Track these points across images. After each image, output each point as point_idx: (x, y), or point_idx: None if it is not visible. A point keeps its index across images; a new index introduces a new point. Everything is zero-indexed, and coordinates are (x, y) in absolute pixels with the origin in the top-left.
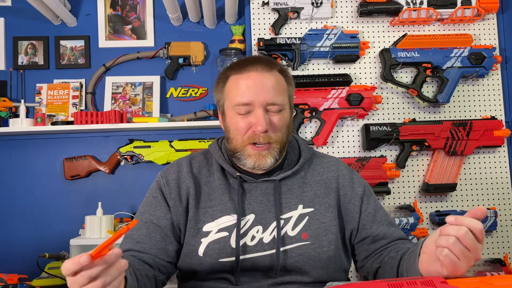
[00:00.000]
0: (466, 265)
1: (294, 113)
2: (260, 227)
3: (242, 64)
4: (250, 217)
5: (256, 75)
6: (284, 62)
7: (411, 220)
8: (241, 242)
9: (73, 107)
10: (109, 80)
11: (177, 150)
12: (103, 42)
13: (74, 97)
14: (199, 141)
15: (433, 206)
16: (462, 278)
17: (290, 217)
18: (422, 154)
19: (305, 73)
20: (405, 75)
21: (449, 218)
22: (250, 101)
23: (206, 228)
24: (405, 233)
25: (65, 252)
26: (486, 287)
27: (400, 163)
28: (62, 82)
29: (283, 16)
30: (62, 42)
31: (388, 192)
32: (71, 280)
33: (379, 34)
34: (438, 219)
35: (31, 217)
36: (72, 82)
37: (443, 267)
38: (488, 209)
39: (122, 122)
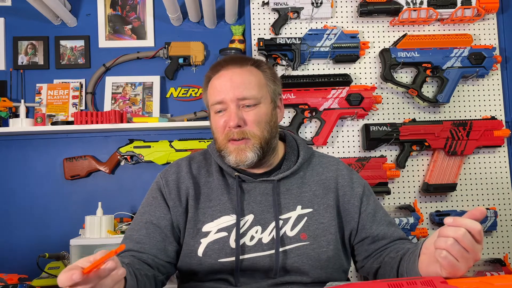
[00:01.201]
0: (465, 266)
1: (295, 113)
2: (259, 227)
3: (216, 65)
4: (249, 217)
5: (226, 73)
6: (284, 62)
7: (411, 220)
8: (240, 242)
9: (73, 107)
10: (109, 80)
11: (177, 150)
12: (103, 42)
13: (74, 97)
14: (199, 141)
15: (433, 206)
16: (462, 278)
17: (289, 218)
18: (422, 154)
19: (305, 73)
20: (405, 75)
21: (447, 220)
22: (222, 99)
23: (205, 228)
24: (405, 233)
25: (65, 252)
26: (486, 287)
27: (400, 163)
28: (62, 82)
29: (283, 16)
30: (62, 42)
31: (388, 192)
32: None
33: (379, 34)
34: (438, 219)
35: (31, 217)
36: (72, 82)
37: (442, 268)
38: (488, 209)
39: (122, 122)
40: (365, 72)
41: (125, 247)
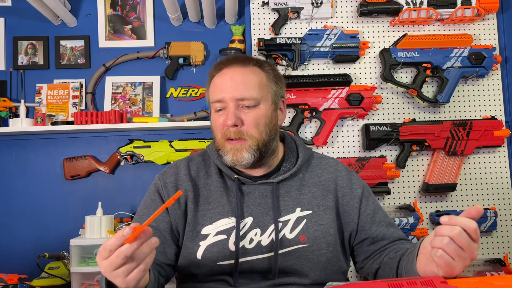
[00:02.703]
0: (461, 265)
1: (295, 113)
2: (258, 230)
3: (220, 63)
4: (248, 220)
5: (227, 72)
6: (284, 62)
7: (411, 220)
8: (240, 245)
9: (73, 107)
10: (109, 80)
11: (177, 150)
12: (103, 42)
13: (74, 97)
14: (199, 141)
15: (433, 206)
16: (462, 278)
17: (288, 220)
18: (422, 154)
19: (305, 73)
20: (405, 75)
21: (443, 218)
22: (221, 98)
23: (204, 231)
24: (405, 233)
25: (65, 252)
26: (486, 287)
27: (400, 163)
28: (62, 82)
29: (283, 16)
30: (62, 42)
31: (388, 192)
32: (105, 263)
33: (379, 34)
34: (438, 219)
35: (31, 217)
36: (72, 82)
37: (438, 268)
38: (488, 209)
39: (122, 122)
40: (365, 72)
41: (182, 193)
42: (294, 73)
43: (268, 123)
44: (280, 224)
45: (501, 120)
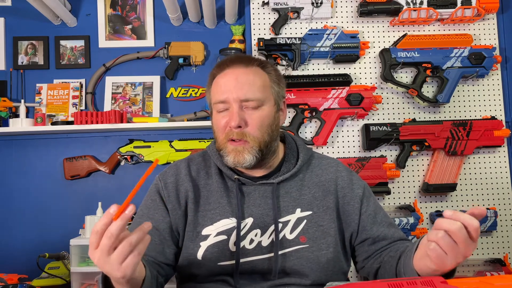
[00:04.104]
0: (453, 260)
1: (295, 113)
2: (258, 231)
3: (222, 63)
4: (249, 221)
5: (231, 72)
6: (284, 62)
7: (411, 220)
8: (240, 246)
9: (73, 107)
10: (109, 80)
11: (177, 150)
12: (103, 42)
13: (74, 97)
14: (199, 141)
15: (433, 206)
16: (462, 278)
17: (288, 221)
18: (422, 154)
19: (305, 73)
20: (405, 75)
21: (446, 212)
22: (225, 98)
23: (205, 231)
24: (405, 233)
25: (65, 252)
26: (486, 287)
27: (400, 163)
28: (62, 82)
29: (283, 16)
30: (62, 42)
31: (388, 192)
32: (98, 253)
33: (379, 34)
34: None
35: (31, 217)
36: (72, 82)
37: (431, 261)
38: (488, 209)
39: (122, 122)
40: (365, 72)
41: (158, 161)
42: (294, 73)
43: (271, 124)
44: (280, 225)
45: (501, 120)
